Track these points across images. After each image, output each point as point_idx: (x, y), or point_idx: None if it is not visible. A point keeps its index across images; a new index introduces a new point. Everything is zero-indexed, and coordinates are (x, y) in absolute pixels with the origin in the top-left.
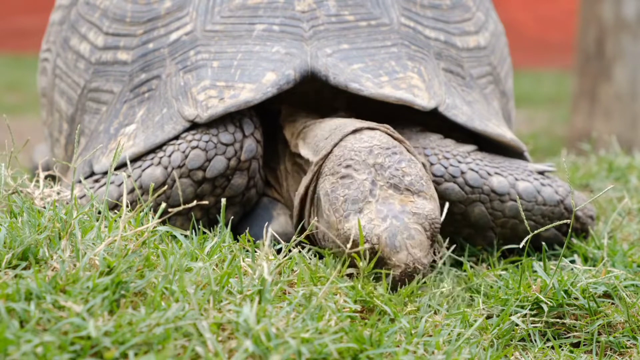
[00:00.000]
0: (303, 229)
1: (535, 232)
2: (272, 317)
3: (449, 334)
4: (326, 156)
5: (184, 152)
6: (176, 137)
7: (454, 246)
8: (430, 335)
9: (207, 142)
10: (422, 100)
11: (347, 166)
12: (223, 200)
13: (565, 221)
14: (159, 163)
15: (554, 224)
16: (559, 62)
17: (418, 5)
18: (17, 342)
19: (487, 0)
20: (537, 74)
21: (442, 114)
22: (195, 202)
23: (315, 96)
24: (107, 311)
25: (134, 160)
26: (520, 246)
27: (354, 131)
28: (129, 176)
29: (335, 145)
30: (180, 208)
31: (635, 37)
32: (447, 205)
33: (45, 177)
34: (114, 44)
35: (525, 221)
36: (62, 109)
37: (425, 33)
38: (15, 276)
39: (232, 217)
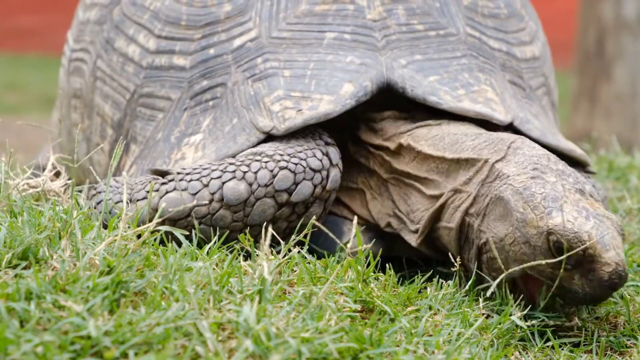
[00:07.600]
0: (462, 237)
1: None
2: (272, 317)
3: (449, 333)
4: (501, 159)
5: (271, 171)
6: (240, 151)
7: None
8: (431, 335)
9: (296, 164)
10: (500, 114)
11: (534, 169)
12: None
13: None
14: (242, 177)
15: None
16: (558, 62)
17: (480, 15)
18: (17, 342)
19: (533, 8)
20: None
21: (516, 128)
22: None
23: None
24: (107, 311)
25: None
26: None
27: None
28: (205, 185)
29: (508, 148)
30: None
31: (635, 37)
32: None
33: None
34: (169, 47)
35: None
36: (105, 113)
37: (489, 44)
38: (15, 276)
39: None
